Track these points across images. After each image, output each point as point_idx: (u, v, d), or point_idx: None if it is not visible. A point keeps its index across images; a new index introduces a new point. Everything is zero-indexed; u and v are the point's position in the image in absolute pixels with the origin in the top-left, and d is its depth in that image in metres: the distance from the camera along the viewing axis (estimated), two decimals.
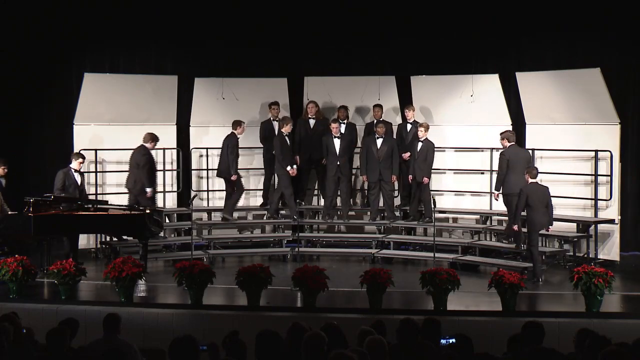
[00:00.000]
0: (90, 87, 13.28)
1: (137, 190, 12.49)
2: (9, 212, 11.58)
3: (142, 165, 12.48)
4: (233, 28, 14.06)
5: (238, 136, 13.15)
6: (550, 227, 11.23)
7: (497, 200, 12.08)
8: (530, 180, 11.00)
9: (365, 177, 13.14)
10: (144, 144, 12.61)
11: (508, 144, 11.80)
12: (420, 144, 12.74)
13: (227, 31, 14.07)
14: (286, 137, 13.12)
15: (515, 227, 11.22)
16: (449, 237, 13.18)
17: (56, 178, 11.86)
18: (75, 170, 12.00)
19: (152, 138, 12.66)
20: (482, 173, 13.20)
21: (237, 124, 13.17)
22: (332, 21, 13.81)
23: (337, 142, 13.13)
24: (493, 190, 12.19)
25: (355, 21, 13.75)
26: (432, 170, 12.92)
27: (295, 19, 13.87)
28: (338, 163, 13.14)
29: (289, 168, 13.06)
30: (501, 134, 11.98)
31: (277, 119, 13.46)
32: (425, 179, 12.73)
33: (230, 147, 13.06)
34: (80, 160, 12.09)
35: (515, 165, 11.59)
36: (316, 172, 13.73)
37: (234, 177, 13.06)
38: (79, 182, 12.04)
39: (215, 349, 5.95)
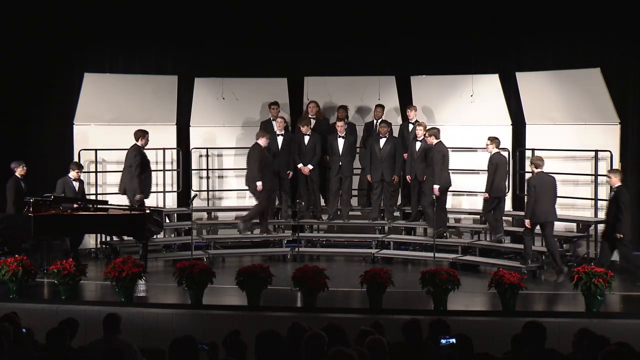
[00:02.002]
0: (90, 87, 13.29)
1: (128, 193, 12.40)
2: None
3: (135, 166, 12.27)
4: (233, 28, 14.06)
5: (262, 145, 12.83)
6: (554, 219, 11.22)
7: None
8: (536, 171, 11.10)
9: (370, 177, 13.12)
10: (136, 143, 12.45)
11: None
12: (418, 144, 12.74)
13: (227, 31, 14.07)
14: (304, 137, 13.18)
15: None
16: (449, 237, 13.17)
17: (56, 187, 11.94)
18: (75, 179, 12.07)
19: (142, 134, 12.43)
20: (483, 173, 13.17)
21: (259, 134, 12.89)
22: (332, 21, 13.81)
23: (340, 142, 13.13)
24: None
25: (355, 21, 13.75)
26: None
27: (295, 19, 13.87)
28: (340, 163, 13.15)
29: (300, 165, 13.15)
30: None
31: (277, 118, 13.47)
32: (426, 178, 12.75)
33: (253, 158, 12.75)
34: (77, 170, 12.14)
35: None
36: (318, 171, 13.69)
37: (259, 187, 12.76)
38: (77, 189, 12.09)
39: (215, 348, 5.95)
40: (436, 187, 12.22)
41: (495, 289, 9.28)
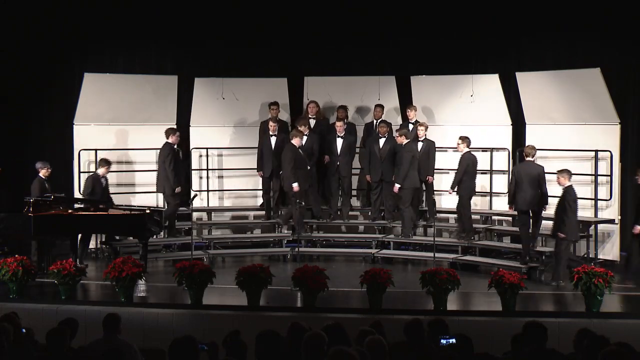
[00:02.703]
0: (90, 87, 13.28)
1: (165, 190, 12.86)
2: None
3: (166, 163, 12.71)
4: (233, 28, 14.06)
5: (297, 145, 12.75)
6: (543, 208, 11.30)
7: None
8: (526, 159, 11.36)
9: (370, 177, 13.11)
10: (167, 141, 12.83)
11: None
12: (420, 144, 12.74)
13: (227, 31, 14.08)
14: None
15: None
16: (449, 237, 13.17)
17: (85, 183, 12.19)
18: (102, 176, 12.29)
19: (171, 131, 12.87)
20: (483, 173, 13.18)
21: (293, 134, 12.82)
22: (332, 21, 13.81)
23: (339, 142, 13.13)
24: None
25: (355, 21, 13.75)
26: (434, 170, 12.91)
27: (295, 19, 13.87)
28: (338, 163, 13.15)
29: None
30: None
31: (277, 119, 13.47)
32: (430, 178, 12.75)
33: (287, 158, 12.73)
34: (106, 167, 12.36)
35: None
36: (317, 171, 13.69)
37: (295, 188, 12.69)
38: (103, 186, 12.33)
39: (216, 348, 5.95)
40: (397, 186, 12.38)
41: (495, 289, 9.28)
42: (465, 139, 12.15)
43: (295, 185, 12.50)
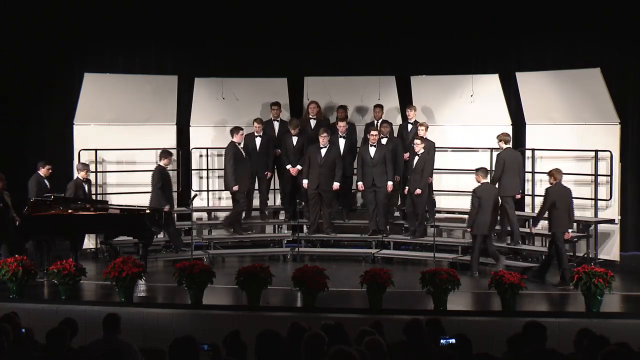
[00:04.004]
0: (90, 87, 13.28)
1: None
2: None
3: (156, 185, 12.43)
4: (233, 28, 14.06)
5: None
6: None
7: None
8: (504, 147, 11.88)
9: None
10: (159, 163, 12.61)
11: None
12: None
13: (227, 31, 14.08)
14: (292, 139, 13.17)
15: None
16: (449, 237, 13.17)
17: (67, 189, 11.96)
18: (83, 180, 12.16)
19: (165, 155, 12.62)
20: None
21: (322, 131, 12.85)
22: (332, 21, 13.81)
23: (341, 142, 13.11)
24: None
25: (355, 21, 13.75)
26: (433, 170, 12.90)
27: (295, 19, 13.87)
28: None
29: (289, 166, 13.12)
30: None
31: (278, 119, 13.47)
32: (430, 179, 12.73)
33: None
34: (85, 170, 12.23)
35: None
36: None
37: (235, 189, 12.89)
38: (86, 190, 12.24)
39: (217, 349, 5.95)
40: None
41: (495, 289, 9.28)
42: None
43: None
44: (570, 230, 10.88)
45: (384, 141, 12.90)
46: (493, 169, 12.31)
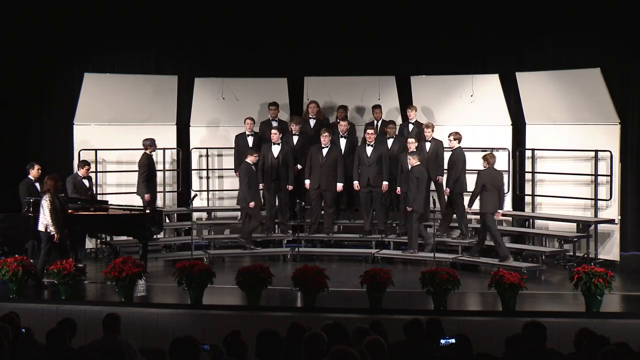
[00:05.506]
0: (90, 87, 13.29)
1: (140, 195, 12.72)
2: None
3: (141, 172, 12.59)
4: (233, 28, 14.07)
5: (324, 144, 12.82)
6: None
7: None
8: (456, 145, 12.21)
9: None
10: (145, 151, 12.69)
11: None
12: (428, 144, 12.68)
13: (227, 31, 14.09)
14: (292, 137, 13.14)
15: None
16: (449, 237, 13.15)
17: (66, 185, 11.91)
18: (83, 177, 12.11)
19: (149, 143, 12.70)
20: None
21: (323, 131, 12.84)
22: (332, 21, 13.82)
23: (342, 142, 13.10)
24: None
25: (355, 21, 13.75)
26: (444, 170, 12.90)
27: (295, 19, 13.88)
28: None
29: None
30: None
31: (276, 119, 13.47)
32: (440, 178, 12.70)
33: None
34: (87, 167, 12.19)
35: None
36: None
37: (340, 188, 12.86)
38: (88, 187, 12.20)
39: (219, 351, 5.96)
40: (356, 183, 12.69)
41: (495, 289, 9.28)
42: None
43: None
44: (500, 211, 11.45)
45: (390, 142, 12.89)
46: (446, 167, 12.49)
